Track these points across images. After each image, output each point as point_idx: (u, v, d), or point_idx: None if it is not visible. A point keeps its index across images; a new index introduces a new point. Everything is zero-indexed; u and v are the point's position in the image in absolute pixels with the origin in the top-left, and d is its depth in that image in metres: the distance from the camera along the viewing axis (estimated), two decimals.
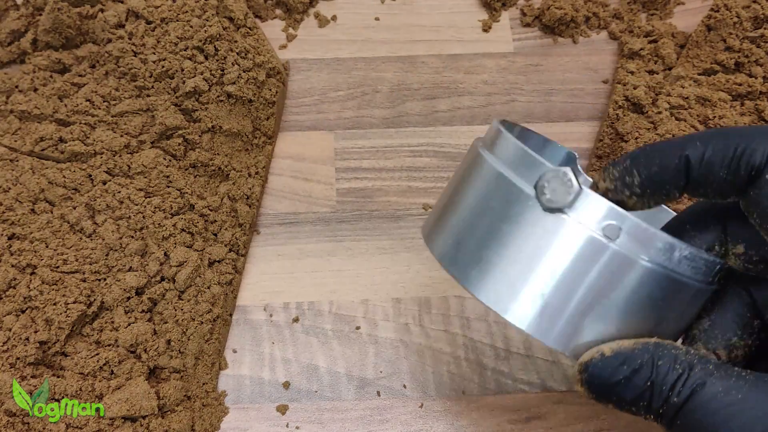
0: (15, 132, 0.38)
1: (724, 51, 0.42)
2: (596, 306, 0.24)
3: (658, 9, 0.46)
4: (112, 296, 0.34)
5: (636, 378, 0.23)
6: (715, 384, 0.22)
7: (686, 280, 0.24)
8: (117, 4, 0.41)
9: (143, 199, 0.36)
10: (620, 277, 0.23)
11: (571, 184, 0.23)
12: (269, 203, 0.40)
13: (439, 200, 0.28)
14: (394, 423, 0.34)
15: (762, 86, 0.40)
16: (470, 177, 0.26)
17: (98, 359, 0.32)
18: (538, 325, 0.24)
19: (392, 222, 0.40)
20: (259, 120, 0.40)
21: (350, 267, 0.39)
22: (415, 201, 0.40)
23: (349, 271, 0.38)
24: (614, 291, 0.23)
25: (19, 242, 0.35)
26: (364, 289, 0.38)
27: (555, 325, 0.24)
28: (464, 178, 0.27)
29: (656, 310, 0.24)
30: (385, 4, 0.47)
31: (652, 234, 0.23)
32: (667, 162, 0.23)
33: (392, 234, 0.39)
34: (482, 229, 0.25)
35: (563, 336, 0.24)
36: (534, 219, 0.24)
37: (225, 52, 0.39)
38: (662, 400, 0.23)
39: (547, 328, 0.24)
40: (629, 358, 0.23)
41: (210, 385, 0.34)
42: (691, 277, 0.24)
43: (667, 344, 0.23)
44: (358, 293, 0.38)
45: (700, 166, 0.23)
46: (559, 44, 0.46)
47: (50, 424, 0.31)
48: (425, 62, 0.45)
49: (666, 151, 0.24)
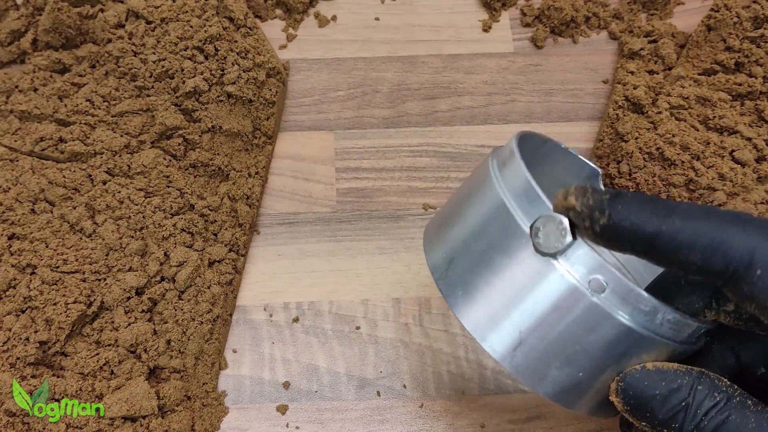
0: (15, 132, 0.38)
1: (724, 51, 0.42)
2: (571, 353, 0.24)
3: (658, 9, 0.46)
4: (112, 296, 0.34)
5: (673, 397, 0.23)
6: (748, 417, 0.22)
7: (666, 341, 0.24)
8: (117, 4, 0.41)
9: (143, 199, 0.36)
10: (598, 331, 0.24)
11: (565, 233, 0.23)
12: (269, 203, 0.40)
13: (445, 207, 0.29)
14: (394, 423, 0.34)
15: (762, 86, 0.40)
16: (476, 194, 0.27)
17: (98, 359, 0.32)
18: (511, 359, 0.25)
19: (392, 222, 0.40)
20: (259, 120, 0.40)
21: (350, 267, 0.39)
22: (415, 201, 0.40)
23: (349, 271, 0.38)
24: (591, 342, 0.24)
25: (19, 242, 0.35)
26: (364, 289, 0.38)
27: (528, 361, 0.25)
28: (470, 194, 0.27)
29: (627, 362, 0.24)
30: (385, 4, 0.47)
31: (637, 295, 0.23)
32: (642, 231, 0.22)
33: (392, 234, 0.39)
34: (475, 253, 0.25)
35: (534, 372, 0.25)
36: (525, 257, 0.24)
37: (225, 52, 0.39)
38: (694, 425, 0.22)
39: (519, 363, 0.25)
40: (670, 376, 0.23)
41: (210, 385, 0.34)
42: (672, 338, 0.24)
43: (712, 375, 0.23)
44: (358, 293, 0.38)
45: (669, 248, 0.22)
46: (559, 44, 0.46)
47: (50, 424, 0.31)
48: (425, 62, 0.45)
49: (645, 221, 0.22)
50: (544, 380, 0.25)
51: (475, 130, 0.42)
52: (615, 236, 0.23)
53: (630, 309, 0.23)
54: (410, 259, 0.39)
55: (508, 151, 0.27)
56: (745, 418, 0.22)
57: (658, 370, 0.23)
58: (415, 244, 0.39)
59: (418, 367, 0.36)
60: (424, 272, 0.39)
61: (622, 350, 0.24)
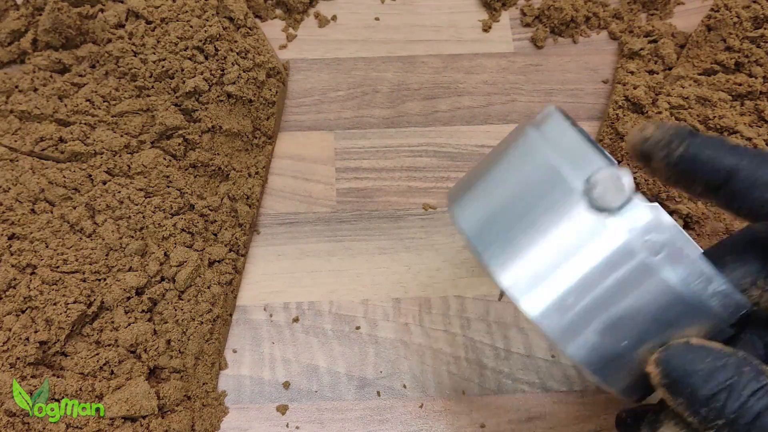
0: (15, 132, 0.38)
1: (724, 51, 0.42)
2: (616, 318, 0.23)
3: (658, 9, 0.46)
4: (112, 296, 0.34)
5: (718, 374, 0.22)
6: None
7: (712, 317, 0.23)
8: (117, 4, 0.41)
9: (143, 199, 0.36)
10: (648, 295, 0.23)
11: (623, 188, 0.22)
12: (269, 203, 0.40)
13: (475, 170, 0.27)
14: (394, 423, 0.34)
15: (762, 86, 0.40)
16: (515, 155, 0.25)
17: (98, 359, 0.32)
18: (550, 321, 0.23)
19: (392, 222, 0.40)
20: (259, 120, 0.40)
21: (350, 267, 0.39)
22: (415, 201, 0.40)
23: (349, 271, 0.38)
24: (639, 308, 0.23)
25: (19, 242, 0.35)
26: (364, 289, 0.38)
27: (568, 324, 0.23)
28: (508, 155, 0.26)
29: (671, 334, 0.23)
30: (385, 4, 0.47)
31: (693, 260, 0.22)
32: (720, 164, 0.22)
33: (392, 234, 0.39)
34: (518, 211, 0.24)
35: (573, 336, 0.23)
36: (576, 214, 0.23)
37: (225, 52, 0.39)
38: (739, 405, 0.21)
39: (558, 325, 0.23)
40: (716, 354, 0.22)
41: (210, 385, 0.34)
42: (718, 314, 0.23)
43: (756, 360, 0.22)
44: (358, 293, 0.38)
45: (739, 183, 0.22)
46: (559, 44, 0.46)
47: (50, 424, 0.31)
48: (425, 62, 0.45)
49: (724, 155, 0.22)
50: (583, 346, 0.23)
51: (475, 130, 0.42)
52: (691, 167, 0.22)
53: (685, 274, 0.22)
54: (410, 259, 0.39)
55: (545, 113, 0.26)
56: None
57: (704, 347, 0.22)
58: (415, 244, 0.39)
59: (418, 367, 0.36)
60: (424, 272, 0.39)
61: (669, 319, 0.23)
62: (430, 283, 0.38)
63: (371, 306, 0.38)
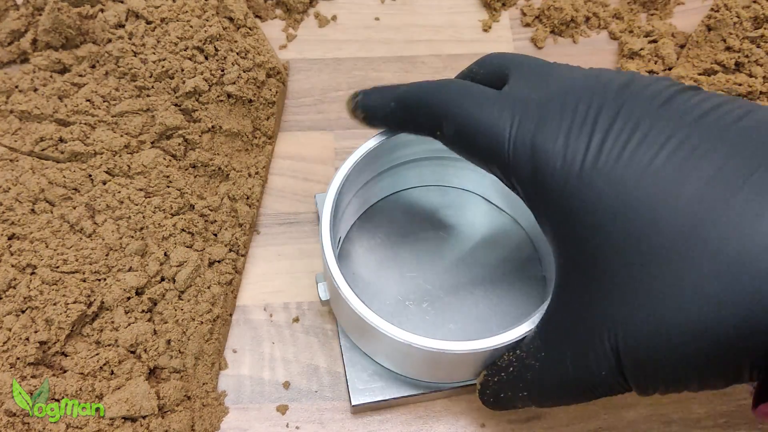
0: (15, 132, 0.38)
1: (724, 51, 0.42)
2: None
3: (658, 9, 0.46)
4: (112, 296, 0.34)
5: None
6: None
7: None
8: (117, 4, 0.41)
9: (143, 199, 0.36)
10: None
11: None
12: (269, 203, 0.40)
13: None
14: (394, 423, 0.34)
15: (762, 86, 0.40)
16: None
17: (98, 359, 0.32)
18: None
19: None
20: (259, 120, 0.40)
21: None
22: None
23: None
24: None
25: (19, 242, 0.35)
26: None
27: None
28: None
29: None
30: (385, 4, 0.47)
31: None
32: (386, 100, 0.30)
33: None
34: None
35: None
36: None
37: (225, 52, 0.39)
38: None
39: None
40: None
41: (210, 385, 0.34)
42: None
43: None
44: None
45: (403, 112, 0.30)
46: (559, 44, 0.46)
47: (50, 424, 0.31)
48: (425, 62, 0.45)
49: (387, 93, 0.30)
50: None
51: None
52: (369, 108, 0.31)
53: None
54: None
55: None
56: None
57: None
58: None
59: None
60: None
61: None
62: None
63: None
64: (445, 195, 0.39)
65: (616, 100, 0.24)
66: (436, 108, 0.28)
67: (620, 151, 0.23)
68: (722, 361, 0.21)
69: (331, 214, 0.31)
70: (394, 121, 0.30)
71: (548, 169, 0.24)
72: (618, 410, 0.34)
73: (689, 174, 0.22)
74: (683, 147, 0.22)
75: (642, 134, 0.23)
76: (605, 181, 0.23)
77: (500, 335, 0.28)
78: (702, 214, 0.21)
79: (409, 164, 0.37)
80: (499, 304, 0.35)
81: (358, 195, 0.36)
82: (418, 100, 0.28)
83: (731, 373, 0.22)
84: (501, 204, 0.38)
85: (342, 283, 0.30)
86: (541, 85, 0.26)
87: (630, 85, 0.25)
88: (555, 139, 0.24)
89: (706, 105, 0.23)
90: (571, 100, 0.25)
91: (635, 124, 0.23)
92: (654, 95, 0.24)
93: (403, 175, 0.38)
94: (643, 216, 0.22)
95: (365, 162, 0.34)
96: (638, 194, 0.22)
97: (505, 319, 0.29)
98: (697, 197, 0.21)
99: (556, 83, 0.26)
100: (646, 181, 0.22)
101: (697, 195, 0.22)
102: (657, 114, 0.23)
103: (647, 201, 0.22)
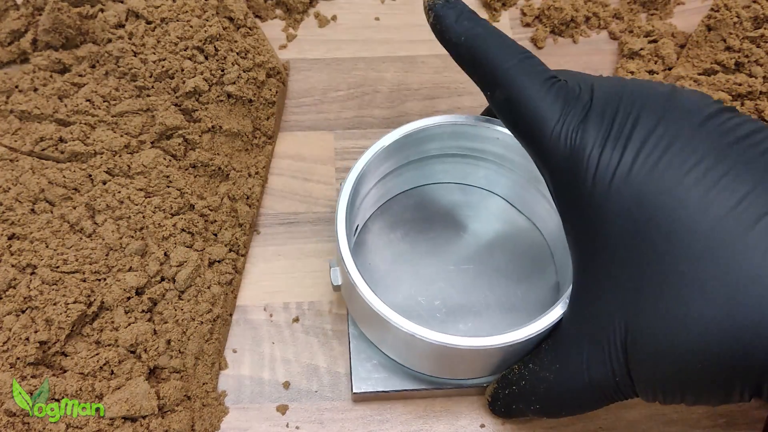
0: (15, 132, 0.38)
1: (724, 51, 0.42)
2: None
3: (658, 9, 0.46)
4: (112, 296, 0.34)
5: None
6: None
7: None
8: (117, 4, 0.41)
9: (143, 199, 0.36)
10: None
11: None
12: (269, 203, 0.40)
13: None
14: (394, 423, 0.34)
15: (762, 86, 0.40)
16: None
17: (98, 359, 0.32)
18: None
19: None
20: (259, 120, 0.40)
21: None
22: None
23: None
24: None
25: (19, 242, 0.35)
26: None
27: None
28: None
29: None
30: (385, 4, 0.47)
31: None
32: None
33: None
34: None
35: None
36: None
37: (225, 52, 0.39)
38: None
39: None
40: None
41: (210, 385, 0.34)
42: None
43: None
44: None
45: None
46: (559, 44, 0.46)
47: (50, 424, 0.31)
48: (425, 62, 0.45)
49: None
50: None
51: None
52: (441, 22, 0.30)
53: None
54: None
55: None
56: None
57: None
58: None
59: None
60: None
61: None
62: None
63: None
64: (467, 193, 0.39)
65: (655, 112, 0.25)
66: (496, 72, 0.28)
67: (653, 166, 0.24)
68: (717, 377, 0.23)
69: (348, 199, 0.31)
70: (456, 53, 0.30)
71: (582, 170, 0.25)
72: (618, 410, 0.34)
73: (713, 200, 0.23)
74: (712, 172, 0.24)
75: (676, 152, 0.24)
76: (634, 193, 0.24)
77: (502, 335, 0.28)
78: (717, 242, 0.23)
79: (433, 159, 0.37)
80: (511, 309, 0.35)
81: (379, 185, 0.36)
82: (486, 54, 0.28)
83: (724, 391, 0.23)
84: (521, 207, 0.38)
85: (351, 267, 0.30)
86: (588, 87, 0.27)
87: (671, 98, 0.26)
88: (594, 143, 0.25)
89: (740, 131, 0.24)
90: (614, 105, 0.26)
91: (671, 140, 0.24)
92: (693, 113, 0.25)
93: (426, 169, 0.38)
94: (664, 234, 0.24)
95: (389, 152, 0.34)
96: (663, 212, 0.24)
97: (515, 324, 0.29)
98: (716, 225, 0.23)
99: (601, 90, 0.27)
100: (673, 201, 0.24)
101: (716, 223, 0.23)
102: (693, 133, 0.24)
103: (670, 220, 0.23)
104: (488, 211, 0.39)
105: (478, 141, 0.35)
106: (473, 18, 0.29)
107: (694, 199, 0.23)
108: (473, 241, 0.37)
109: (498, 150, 0.36)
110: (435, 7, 0.30)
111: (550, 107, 0.27)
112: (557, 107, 0.26)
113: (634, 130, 0.25)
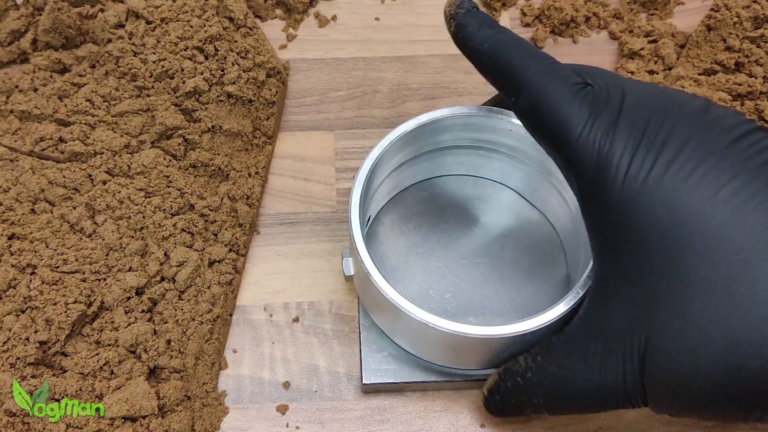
0: (15, 132, 0.38)
1: (724, 51, 0.42)
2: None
3: (658, 9, 0.46)
4: (112, 296, 0.34)
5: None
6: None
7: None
8: (117, 4, 0.41)
9: (143, 199, 0.36)
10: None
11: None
12: (269, 203, 0.40)
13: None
14: (394, 423, 0.34)
15: (762, 86, 0.40)
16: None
17: (98, 359, 0.32)
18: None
19: None
20: (259, 120, 0.40)
21: None
22: None
23: None
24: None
25: (19, 242, 0.35)
26: None
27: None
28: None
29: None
30: (385, 4, 0.47)
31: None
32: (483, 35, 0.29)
33: None
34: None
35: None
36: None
37: (225, 52, 0.39)
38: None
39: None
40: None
41: (210, 385, 0.34)
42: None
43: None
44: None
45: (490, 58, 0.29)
46: (559, 44, 0.46)
47: (50, 424, 0.31)
48: (425, 62, 0.45)
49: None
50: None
51: None
52: (462, 31, 0.30)
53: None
54: None
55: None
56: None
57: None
58: None
59: None
60: None
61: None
62: None
63: None
64: (479, 186, 0.39)
65: (689, 126, 0.25)
66: (522, 78, 0.28)
67: (684, 178, 0.24)
68: (741, 397, 0.23)
69: (362, 188, 0.31)
70: (479, 60, 0.30)
71: (610, 177, 0.25)
72: (618, 410, 0.34)
73: (743, 220, 0.23)
74: (743, 191, 0.23)
75: (708, 168, 0.24)
76: (664, 202, 0.24)
77: (513, 324, 0.28)
78: (743, 264, 0.23)
79: (446, 150, 0.37)
80: (522, 303, 0.35)
81: (392, 176, 0.36)
82: (510, 61, 0.28)
83: (744, 412, 0.23)
84: (534, 200, 0.38)
85: (365, 256, 0.30)
86: (618, 92, 0.27)
87: (705, 113, 0.25)
88: (623, 150, 0.25)
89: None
90: (645, 114, 0.26)
91: (704, 156, 0.24)
92: (726, 130, 0.25)
93: (439, 161, 0.38)
94: (692, 249, 0.23)
95: (402, 142, 0.34)
96: (693, 227, 0.23)
97: (525, 317, 0.29)
98: (743, 245, 0.23)
99: (633, 96, 0.27)
100: (704, 215, 0.23)
101: (744, 243, 0.23)
102: (726, 151, 0.24)
103: (700, 236, 0.23)
104: (500, 204, 0.38)
105: (491, 133, 0.35)
106: (495, 25, 0.29)
107: (725, 216, 0.23)
108: (485, 234, 0.37)
109: (511, 142, 0.35)
110: (456, 16, 0.30)
111: (578, 112, 0.26)
112: (585, 112, 0.26)
113: (667, 142, 0.25)
